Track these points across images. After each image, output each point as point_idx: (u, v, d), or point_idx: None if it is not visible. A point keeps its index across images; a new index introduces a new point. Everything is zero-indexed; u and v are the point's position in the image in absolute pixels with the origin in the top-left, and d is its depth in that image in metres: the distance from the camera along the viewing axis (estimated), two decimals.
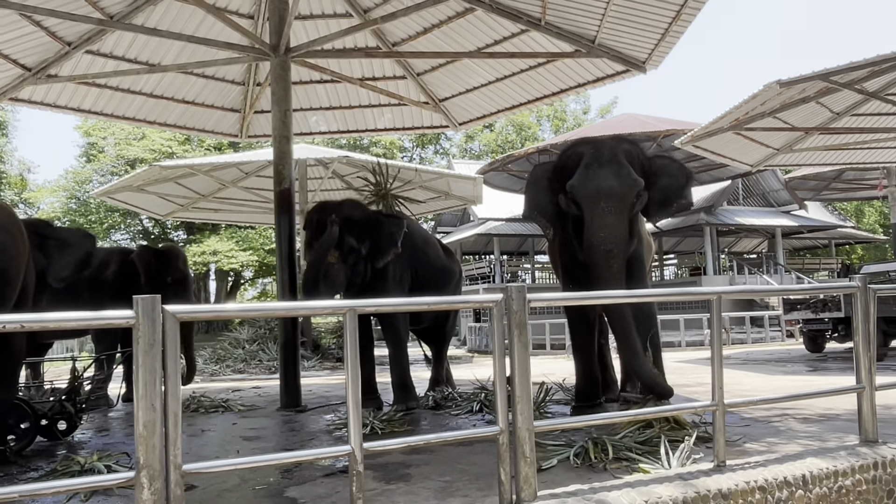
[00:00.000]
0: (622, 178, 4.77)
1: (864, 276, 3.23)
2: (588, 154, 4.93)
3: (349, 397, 2.18)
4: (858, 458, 2.94)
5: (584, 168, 4.87)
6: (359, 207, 6.39)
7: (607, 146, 4.98)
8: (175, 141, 23.44)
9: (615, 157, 4.86)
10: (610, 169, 4.80)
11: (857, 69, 9.70)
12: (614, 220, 4.68)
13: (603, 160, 4.85)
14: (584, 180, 4.82)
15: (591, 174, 4.81)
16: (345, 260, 5.95)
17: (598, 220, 4.69)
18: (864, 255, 35.04)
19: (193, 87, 9.43)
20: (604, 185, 4.74)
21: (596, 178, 4.77)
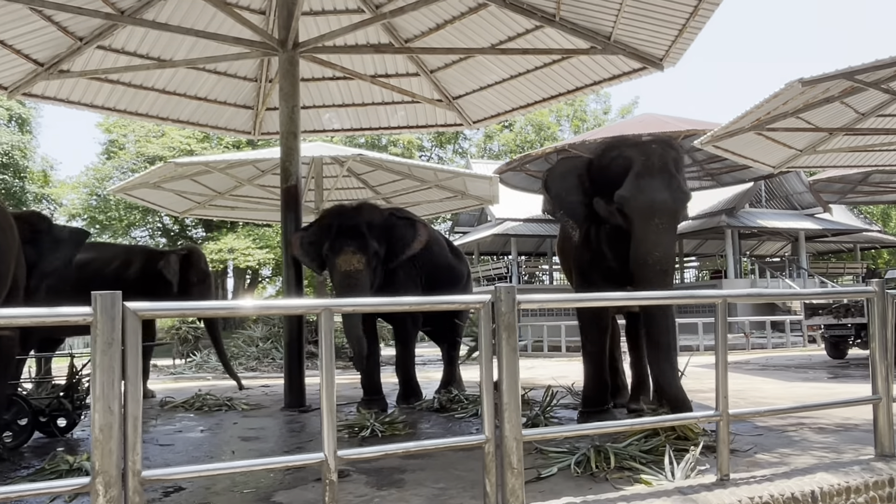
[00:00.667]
0: (675, 192, 4.53)
1: (883, 280, 3.05)
2: (638, 161, 4.61)
3: (323, 402, 2.06)
4: (873, 474, 2.76)
5: (635, 177, 4.55)
6: (376, 211, 6.32)
7: (657, 154, 4.64)
8: (194, 139, 23.55)
9: (666, 166, 4.58)
10: (662, 180, 4.53)
11: (884, 68, 9.41)
12: (668, 238, 4.48)
13: (654, 170, 4.55)
14: (637, 192, 4.51)
15: (643, 185, 4.51)
16: (369, 264, 5.89)
17: (653, 238, 4.44)
18: (890, 260, 34.33)
19: (206, 83, 9.40)
20: (658, 199, 4.47)
21: (650, 190, 4.49)
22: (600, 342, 5.35)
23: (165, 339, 16.38)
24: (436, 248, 7.00)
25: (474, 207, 19.79)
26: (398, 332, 6.71)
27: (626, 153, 4.76)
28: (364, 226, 5.93)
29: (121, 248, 8.39)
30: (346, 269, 5.79)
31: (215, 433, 5.49)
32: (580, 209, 4.94)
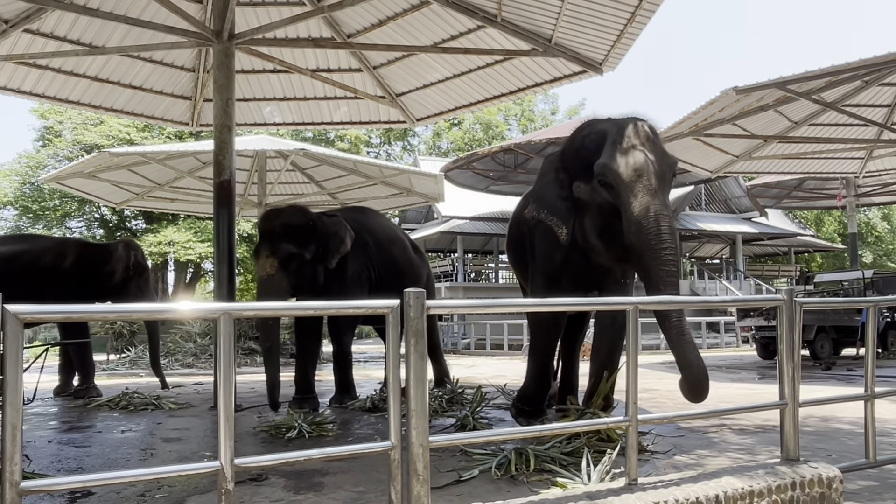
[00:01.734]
0: (659, 155, 4.16)
1: (790, 289, 3.12)
2: (613, 132, 4.25)
3: (220, 408, 1.99)
4: (776, 478, 2.83)
5: (612, 145, 4.18)
6: (299, 213, 6.23)
7: (631, 121, 4.30)
8: (134, 128, 22.83)
9: (644, 132, 4.21)
10: (642, 145, 4.14)
11: (814, 79, 9.74)
12: (661, 199, 4.00)
13: (632, 136, 4.17)
14: (618, 155, 4.10)
15: (623, 149, 4.12)
16: (285, 267, 5.86)
17: (645, 199, 3.95)
18: (822, 264, 35.68)
19: (141, 71, 9.10)
20: (641, 159, 4.05)
21: (631, 152, 4.10)
22: (550, 345, 5.27)
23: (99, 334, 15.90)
24: (394, 247, 6.97)
25: (421, 205, 19.77)
26: (331, 332, 6.71)
27: (598, 128, 4.44)
28: (279, 229, 5.90)
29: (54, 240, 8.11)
30: (259, 274, 5.93)
31: (137, 434, 5.32)
32: (561, 204, 4.51)
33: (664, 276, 3.85)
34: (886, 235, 38.03)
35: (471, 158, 20.61)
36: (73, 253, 7.49)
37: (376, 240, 6.73)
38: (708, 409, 3.29)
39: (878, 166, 15.42)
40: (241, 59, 8.67)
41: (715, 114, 10.66)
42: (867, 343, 3.51)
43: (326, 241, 6.05)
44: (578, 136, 4.60)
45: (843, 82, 10.92)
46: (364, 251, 6.48)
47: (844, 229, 30.23)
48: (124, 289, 7.44)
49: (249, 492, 3.42)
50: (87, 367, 7.68)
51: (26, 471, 3.70)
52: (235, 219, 7.02)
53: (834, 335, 11.71)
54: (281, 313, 4.26)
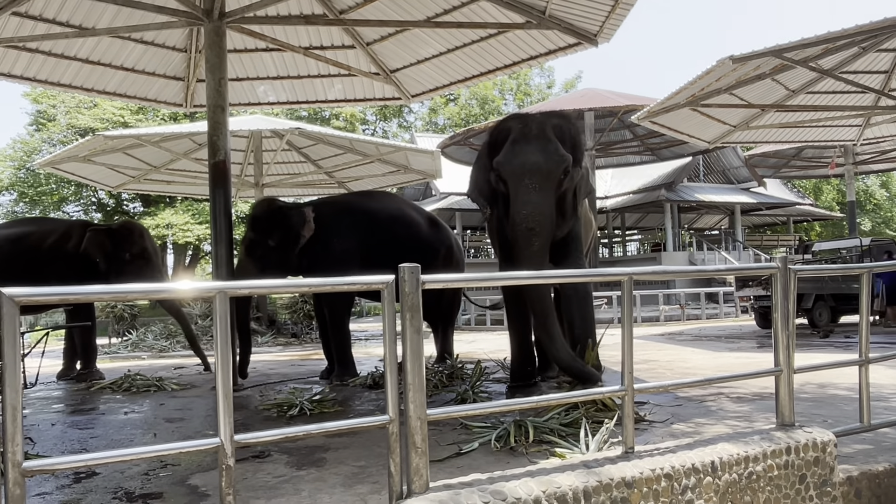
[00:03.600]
0: (548, 154, 4.59)
1: (784, 257, 3.13)
2: (515, 129, 4.75)
3: (219, 386, 2.02)
4: (771, 443, 2.87)
5: (510, 144, 4.70)
6: (262, 204, 6.94)
7: (535, 121, 4.79)
8: (128, 110, 22.67)
9: (542, 132, 4.68)
10: (536, 144, 4.61)
11: (811, 45, 9.66)
12: (538, 197, 4.47)
13: (530, 136, 4.67)
14: (510, 156, 4.64)
15: (516, 150, 4.63)
16: (250, 254, 6.60)
17: (522, 198, 4.49)
18: (822, 232, 35.68)
19: (133, 53, 9.01)
20: (528, 160, 4.55)
21: (521, 153, 4.60)
22: (523, 317, 5.40)
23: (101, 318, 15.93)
24: (398, 225, 7.01)
25: (418, 181, 19.71)
26: (326, 311, 6.98)
27: (508, 125, 4.93)
28: (248, 219, 6.84)
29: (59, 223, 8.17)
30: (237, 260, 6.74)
31: (140, 415, 5.37)
32: (486, 187, 5.02)
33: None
34: (885, 203, 37.99)
35: (468, 134, 20.51)
36: (78, 235, 7.50)
37: (375, 220, 6.91)
38: (704, 377, 3.32)
39: (876, 133, 15.36)
40: (232, 38, 8.60)
41: (712, 83, 10.58)
42: (861, 309, 3.53)
43: (288, 230, 6.59)
44: (496, 130, 5.10)
45: (840, 49, 10.83)
46: (356, 233, 6.73)
47: (843, 198, 30.21)
48: (120, 272, 7.42)
49: (252, 468, 3.46)
50: (90, 350, 7.71)
51: (30, 453, 3.74)
52: (232, 199, 7.02)
53: (832, 303, 11.75)
54: (276, 291, 4.32)
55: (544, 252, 4.51)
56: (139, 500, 3.02)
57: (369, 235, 6.75)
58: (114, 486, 3.23)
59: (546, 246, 4.51)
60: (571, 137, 4.86)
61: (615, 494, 2.46)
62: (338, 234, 6.67)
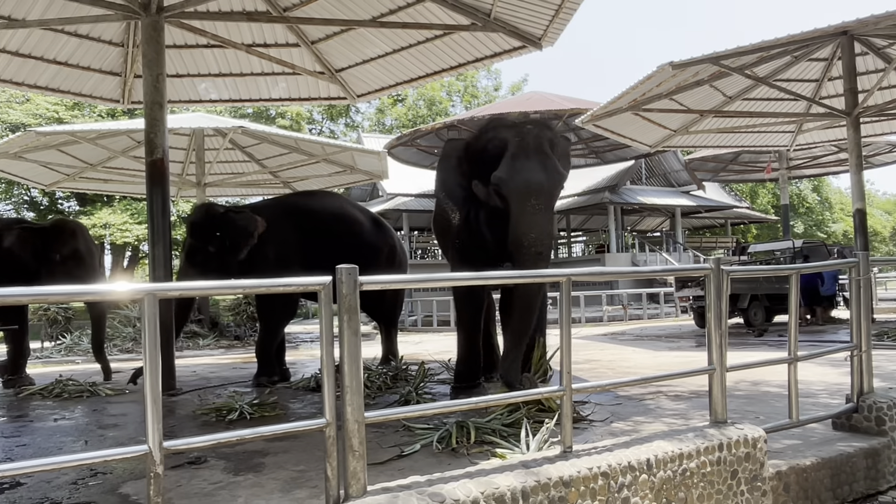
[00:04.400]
0: (551, 173, 4.54)
1: (718, 258, 3.22)
2: (514, 143, 4.64)
3: (147, 391, 1.95)
4: (704, 440, 2.94)
5: (511, 159, 4.58)
6: (201, 210, 6.87)
7: (532, 135, 4.69)
8: (63, 105, 21.85)
9: (541, 147, 4.61)
10: (538, 161, 4.54)
11: (747, 53, 9.97)
12: (544, 218, 4.46)
13: (529, 151, 4.58)
14: (513, 173, 4.53)
15: (519, 167, 4.53)
16: (190, 260, 6.56)
17: (529, 219, 4.43)
18: (758, 234, 36.90)
19: (66, 46, 8.69)
20: (534, 180, 4.48)
21: (524, 170, 4.50)
22: (474, 318, 5.43)
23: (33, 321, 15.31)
24: (340, 226, 6.94)
25: (365, 182, 19.59)
26: (262, 312, 7.07)
27: (501, 135, 4.79)
28: (188, 225, 6.80)
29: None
30: None
31: (71, 422, 5.18)
32: (459, 192, 4.95)
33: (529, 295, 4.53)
34: (816, 206, 39.55)
35: (415, 135, 20.49)
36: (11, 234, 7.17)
37: (316, 220, 6.83)
38: (641, 376, 3.38)
39: (808, 139, 15.95)
40: (172, 34, 8.38)
41: (653, 89, 10.82)
42: (791, 309, 3.65)
43: (234, 235, 6.48)
44: (483, 138, 4.97)
45: (774, 57, 11.22)
46: (296, 233, 6.67)
47: (777, 201, 31.27)
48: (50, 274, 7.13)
49: (188, 475, 3.37)
50: (19, 355, 7.39)
51: None
52: (172, 199, 6.85)
53: (767, 303, 12.15)
54: (209, 293, 4.22)
55: None
56: None
57: (310, 236, 6.67)
58: (39, 497, 3.10)
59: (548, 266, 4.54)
60: (563, 151, 4.87)
61: (553, 494, 2.48)
62: (278, 236, 6.59)
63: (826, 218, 39.88)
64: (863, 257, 3.85)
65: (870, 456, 3.70)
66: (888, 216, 48.06)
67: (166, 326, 6.35)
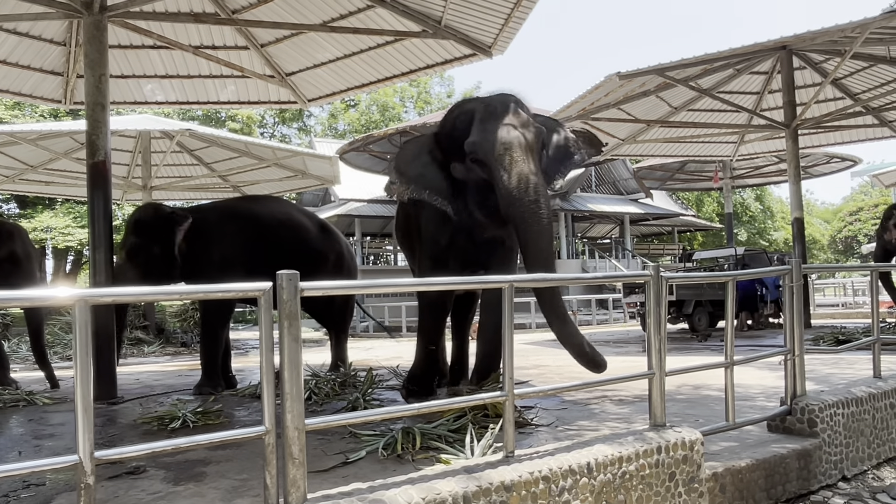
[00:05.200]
0: (524, 126, 4.30)
1: (657, 265, 3.31)
2: (480, 110, 4.43)
3: (77, 399, 1.91)
4: (644, 443, 3.01)
5: (479, 123, 4.36)
6: (149, 209, 6.76)
7: (497, 100, 4.50)
8: (2, 105, 21.13)
9: (509, 107, 4.38)
10: (508, 119, 4.29)
11: (691, 66, 10.27)
12: (530, 168, 4.14)
13: (497, 112, 4.36)
14: (486, 134, 4.29)
15: (490, 127, 4.30)
16: (132, 259, 6.38)
17: (516, 171, 4.10)
18: (703, 241, 37.88)
19: (5, 44, 8.40)
20: (509, 133, 4.22)
21: (498, 129, 4.26)
22: (439, 324, 5.39)
23: None
24: (286, 231, 6.85)
25: (317, 187, 19.44)
26: (200, 319, 7.03)
27: (466, 108, 4.64)
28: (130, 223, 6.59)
29: None
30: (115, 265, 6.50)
31: (6, 432, 5.00)
32: (443, 183, 4.65)
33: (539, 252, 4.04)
34: (759, 215, 40.80)
35: (367, 140, 20.45)
36: None
37: (261, 225, 6.72)
38: (581, 381, 3.44)
39: (750, 150, 16.48)
40: (116, 34, 8.21)
41: (601, 98, 11.04)
42: (727, 315, 3.76)
43: (171, 234, 6.37)
44: (450, 118, 4.77)
45: (717, 70, 11.57)
46: (241, 237, 6.55)
47: (722, 209, 32.16)
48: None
49: (125, 485, 3.29)
50: None
51: None
52: (117, 202, 6.69)
53: (710, 309, 12.47)
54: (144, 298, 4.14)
55: (552, 227, 4.19)
56: None
57: (254, 241, 6.56)
58: None
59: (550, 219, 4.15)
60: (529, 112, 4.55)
61: (494, 498, 2.50)
62: (221, 240, 6.48)
63: (768, 226, 41.18)
64: (795, 264, 3.99)
65: (802, 457, 3.84)
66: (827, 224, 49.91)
67: (107, 332, 6.20)
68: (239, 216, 6.79)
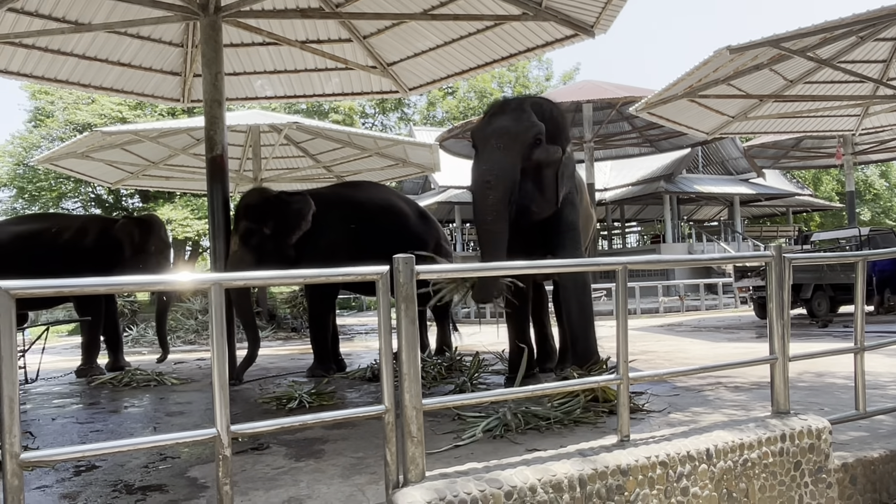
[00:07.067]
0: (518, 120, 4.63)
1: (779, 245, 3.15)
2: (494, 107, 4.88)
3: (215, 377, 2.03)
4: (766, 431, 2.88)
5: (486, 118, 4.84)
6: (255, 193, 6.82)
7: (514, 99, 4.93)
8: (126, 106, 22.64)
9: (518, 106, 4.76)
10: (508, 115, 4.69)
11: (809, 35, 9.64)
12: (500, 155, 4.48)
13: (504, 108, 4.79)
14: (483, 125, 4.77)
15: (490, 120, 4.74)
16: (246, 243, 6.37)
17: (485, 157, 4.56)
18: (821, 223, 35.68)
19: (130, 48, 9.01)
20: (498, 125, 4.62)
21: (492, 121, 4.70)
22: (521, 308, 5.42)
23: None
24: (386, 217, 7.01)
25: (417, 175, 19.69)
26: (307, 304, 7.19)
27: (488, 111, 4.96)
28: (241, 208, 6.54)
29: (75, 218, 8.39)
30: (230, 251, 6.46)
31: (140, 410, 5.40)
32: None
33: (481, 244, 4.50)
34: (884, 192, 37.98)
35: (466, 127, 20.44)
36: (95, 229, 7.57)
37: (363, 211, 6.87)
38: (699, 365, 3.33)
39: (875, 123, 15.34)
40: (229, 33, 8.58)
41: (709, 74, 10.56)
42: (857, 297, 3.54)
43: (287, 217, 6.44)
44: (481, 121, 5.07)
45: (838, 38, 10.80)
46: (344, 224, 6.69)
47: (842, 188, 30.14)
48: (144, 264, 7.47)
49: (251, 460, 3.48)
50: (93, 346, 7.72)
51: (30, 447, 3.76)
52: (230, 194, 7.04)
53: (831, 293, 11.77)
54: (271, 282, 4.32)
55: (500, 208, 4.41)
56: (139, 492, 3.04)
57: (357, 227, 6.69)
58: (114, 479, 3.25)
59: (502, 202, 4.41)
60: (552, 116, 4.81)
61: (610, 482, 2.48)
62: (326, 227, 6.61)
63: (895, 205, 38.26)
64: None
65: None
66: None
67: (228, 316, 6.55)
68: (342, 203, 6.93)
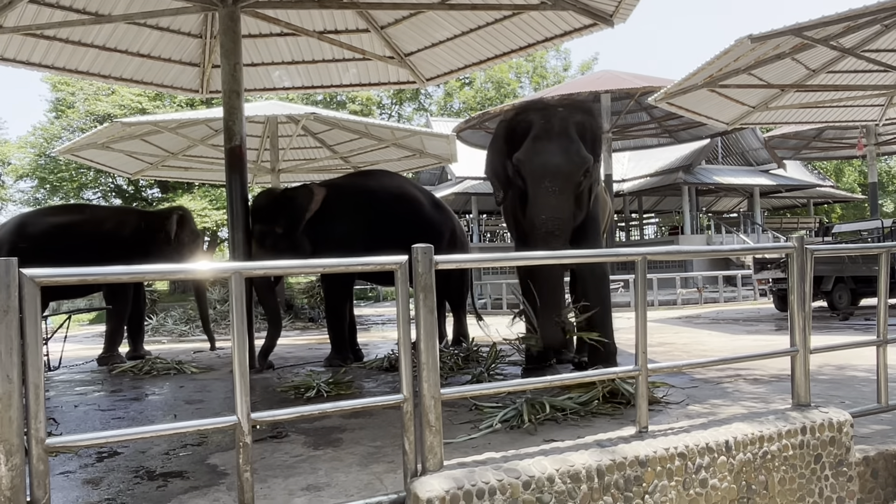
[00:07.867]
0: (570, 156, 4.52)
1: (801, 236, 3.12)
2: (537, 125, 4.67)
3: (235, 365, 2.05)
4: (786, 423, 2.86)
5: (531, 141, 4.63)
6: (263, 196, 7.01)
7: (558, 117, 4.70)
8: (145, 97, 22.82)
9: (565, 130, 4.60)
10: (558, 144, 4.54)
11: (832, 24, 9.49)
12: (557, 200, 4.43)
13: (552, 133, 4.59)
14: (531, 155, 4.58)
15: (538, 148, 4.56)
16: (262, 244, 6.52)
17: (541, 201, 4.45)
18: (843, 214, 35.22)
19: (149, 39, 9.05)
20: (550, 162, 4.49)
21: (543, 153, 4.52)
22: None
23: None
24: (402, 206, 7.02)
25: (434, 166, 19.68)
26: (323, 295, 7.34)
27: (529, 117, 4.84)
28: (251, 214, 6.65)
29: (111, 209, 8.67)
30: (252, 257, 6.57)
31: (161, 397, 5.46)
32: (501, 171, 4.98)
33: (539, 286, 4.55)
34: None
35: (483, 118, 20.39)
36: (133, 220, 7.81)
37: (378, 200, 6.89)
38: (719, 357, 3.31)
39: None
40: (247, 23, 8.60)
41: (730, 64, 10.43)
42: (879, 290, 3.49)
43: (292, 212, 6.56)
44: (516, 119, 5.01)
45: (863, 27, 10.62)
46: (359, 213, 6.73)
47: (865, 179, 29.73)
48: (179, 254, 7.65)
49: (270, 448, 3.51)
50: (117, 335, 7.83)
51: (54, 433, 3.82)
52: (248, 185, 7.07)
53: (852, 286, 11.63)
54: (291, 271, 4.36)
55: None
56: (160, 478, 3.08)
57: (373, 217, 6.72)
58: (135, 466, 3.30)
59: (565, 246, 4.47)
60: (593, 134, 4.80)
61: (628, 473, 2.47)
62: (340, 216, 6.66)
63: None
64: None
65: None
66: None
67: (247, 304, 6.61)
68: (357, 192, 6.96)
